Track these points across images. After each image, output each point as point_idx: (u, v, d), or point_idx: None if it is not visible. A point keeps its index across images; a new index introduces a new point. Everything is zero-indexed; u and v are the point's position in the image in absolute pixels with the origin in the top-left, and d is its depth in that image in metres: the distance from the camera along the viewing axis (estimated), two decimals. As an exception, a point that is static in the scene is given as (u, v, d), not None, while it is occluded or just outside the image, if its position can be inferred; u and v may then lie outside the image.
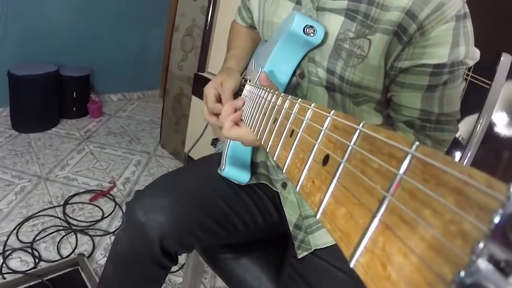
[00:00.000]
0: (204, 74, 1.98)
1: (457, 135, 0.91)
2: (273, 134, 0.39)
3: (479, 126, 0.91)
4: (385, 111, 0.77)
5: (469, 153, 0.92)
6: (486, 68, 0.90)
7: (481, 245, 0.13)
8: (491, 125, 0.94)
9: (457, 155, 0.93)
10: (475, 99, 0.91)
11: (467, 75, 0.91)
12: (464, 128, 0.93)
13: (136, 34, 3.18)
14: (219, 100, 0.79)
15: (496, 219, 0.13)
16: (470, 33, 0.65)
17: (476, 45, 0.66)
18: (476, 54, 0.68)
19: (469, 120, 0.92)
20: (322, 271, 0.78)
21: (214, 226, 0.82)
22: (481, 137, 0.91)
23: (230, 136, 0.68)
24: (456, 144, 0.93)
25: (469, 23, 0.64)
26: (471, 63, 0.68)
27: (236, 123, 0.68)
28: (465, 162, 0.93)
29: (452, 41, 0.62)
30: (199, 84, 1.99)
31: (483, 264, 0.13)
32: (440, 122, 0.71)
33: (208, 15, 1.91)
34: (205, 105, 0.81)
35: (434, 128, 0.71)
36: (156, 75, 3.52)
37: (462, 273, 0.13)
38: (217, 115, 0.78)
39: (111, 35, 3.03)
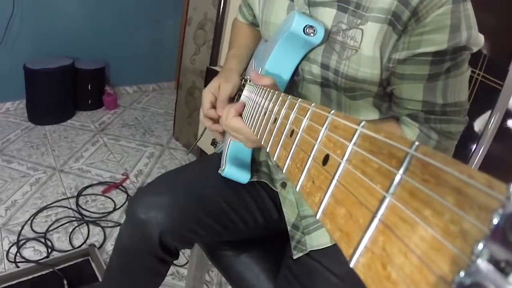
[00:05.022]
0: (216, 68, 1.98)
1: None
2: (273, 134, 0.39)
3: (490, 125, 0.89)
4: (384, 104, 0.75)
5: (480, 151, 0.91)
6: (498, 68, 0.87)
7: (481, 245, 0.13)
8: (506, 122, 0.92)
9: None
10: (486, 100, 0.89)
11: (478, 74, 0.89)
12: (476, 127, 0.91)
13: (150, 26, 3.18)
14: (215, 106, 0.83)
15: (496, 219, 0.13)
16: (471, 17, 0.61)
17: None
18: (480, 39, 0.64)
19: (481, 118, 0.90)
20: (315, 273, 0.77)
21: (213, 223, 0.83)
22: (492, 135, 0.90)
23: (232, 124, 0.68)
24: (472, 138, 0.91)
25: (469, 6, 0.61)
26: (475, 49, 0.64)
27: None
28: (476, 160, 0.91)
29: (451, 25, 0.59)
30: (211, 78, 1.98)
31: (483, 264, 0.13)
32: (446, 113, 0.67)
33: (220, 9, 1.90)
34: (201, 108, 0.85)
35: (440, 120, 0.67)
36: (171, 67, 3.51)
37: (462, 273, 0.13)
38: (212, 119, 0.84)
39: (125, 28, 3.04)
